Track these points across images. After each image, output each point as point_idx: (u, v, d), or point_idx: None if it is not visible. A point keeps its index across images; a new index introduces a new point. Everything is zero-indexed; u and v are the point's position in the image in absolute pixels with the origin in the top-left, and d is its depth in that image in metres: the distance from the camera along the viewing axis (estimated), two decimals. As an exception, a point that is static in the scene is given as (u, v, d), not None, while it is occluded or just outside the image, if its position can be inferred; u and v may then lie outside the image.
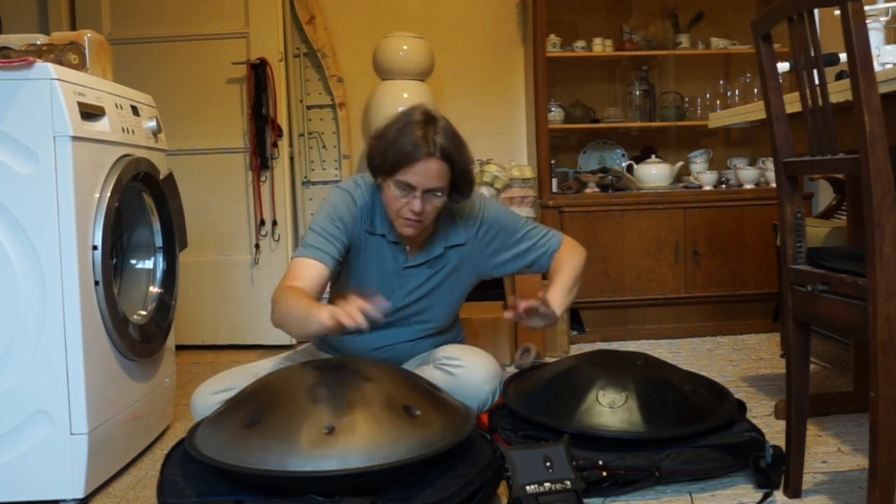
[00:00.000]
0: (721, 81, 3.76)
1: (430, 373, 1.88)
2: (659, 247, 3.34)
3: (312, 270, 1.81)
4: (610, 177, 3.48)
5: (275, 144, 3.40)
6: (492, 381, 1.90)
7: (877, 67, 1.46)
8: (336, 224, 1.87)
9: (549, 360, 2.01)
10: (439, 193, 1.81)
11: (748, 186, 3.45)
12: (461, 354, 1.91)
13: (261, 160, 3.39)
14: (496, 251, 2.03)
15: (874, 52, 1.51)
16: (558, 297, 1.92)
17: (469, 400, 1.84)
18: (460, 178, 1.84)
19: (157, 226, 2.21)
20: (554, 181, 3.45)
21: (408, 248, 1.96)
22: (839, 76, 1.90)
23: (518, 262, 2.05)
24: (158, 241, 2.22)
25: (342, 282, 2.00)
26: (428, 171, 1.77)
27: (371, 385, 1.60)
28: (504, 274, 2.09)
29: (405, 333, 2.00)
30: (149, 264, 2.22)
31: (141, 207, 2.18)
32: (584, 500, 1.56)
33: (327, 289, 1.96)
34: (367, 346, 1.98)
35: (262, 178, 3.42)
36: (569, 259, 2.02)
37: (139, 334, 2.01)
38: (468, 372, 1.87)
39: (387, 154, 1.79)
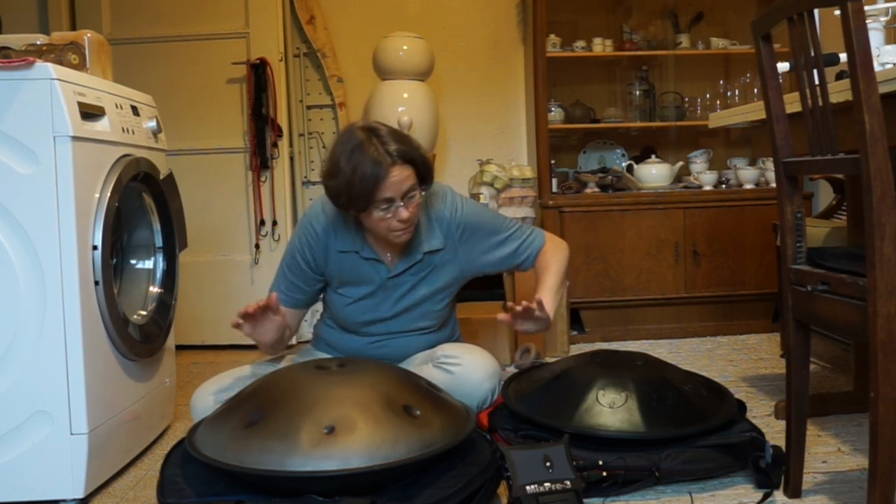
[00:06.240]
0: (721, 81, 3.76)
1: (429, 371, 1.89)
2: (659, 247, 3.34)
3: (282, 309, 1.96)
4: (610, 177, 3.48)
5: (275, 144, 3.40)
6: (491, 379, 1.90)
7: (877, 67, 1.46)
8: (294, 272, 1.99)
9: (549, 360, 2.01)
10: (415, 192, 1.82)
11: (748, 186, 3.45)
12: (460, 352, 1.92)
13: (261, 160, 3.39)
14: (479, 252, 2.02)
15: (874, 52, 1.51)
16: (548, 298, 1.93)
17: (468, 398, 1.84)
18: (422, 170, 1.84)
19: (157, 226, 2.21)
20: (554, 181, 3.45)
21: (388, 257, 1.96)
22: (839, 76, 1.90)
23: (503, 264, 2.06)
24: (158, 241, 2.22)
25: (330, 297, 2.04)
26: (399, 179, 1.76)
27: (371, 385, 1.60)
28: (490, 273, 2.10)
29: (400, 328, 2.02)
30: (149, 264, 2.22)
31: (141, 207, 2.18)
32: (584, 500, 1.56)
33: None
34: (364, 342, 2.01)
35: (262, 178, 3.42)
36: (553, 258, 2.03)
37: (139, 334, 2.01)
38: (467, 370, 1.88)
39: (352, 188, 1.75)
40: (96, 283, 1.80)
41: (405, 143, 1.81)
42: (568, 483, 1.53)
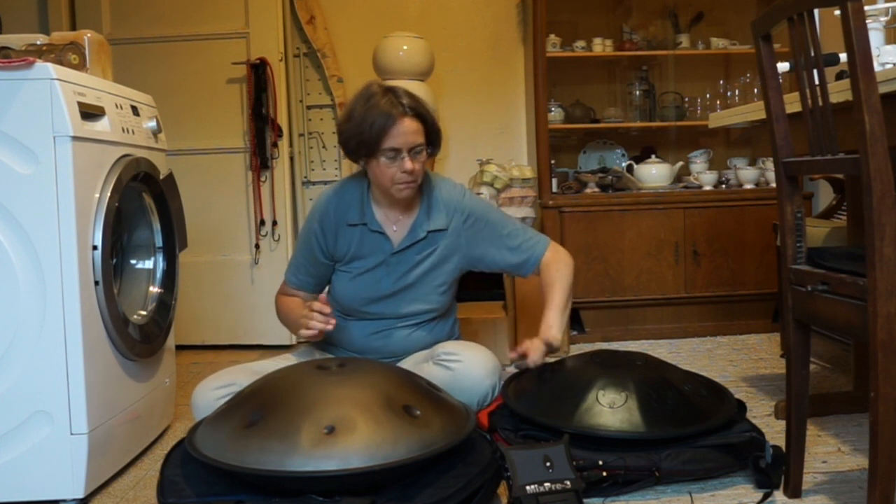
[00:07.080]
0: (721, 81, 3.76)
1: (429, 369, 1.89)
2: (659, 247, 3.34)
3: (298, 294, 2.12)
4: (610, 177, 3.48)
5: (275, 144, 3.40)
6: (491, 376, 1.91)
7: (877, 67, 1.46)
8: (306, 255, 2.08)
9: (549, 360, 2.01)
10: (421, 149, 1.91)
11: (748, 186, 3.45)
12: (460, 350, 1.92)
13: (261, 160, 3.39)
14: (482, 244, 2.06)
15: (874, 52, 1.51)
16: (556, 319, 2.00)
17: (468, 395, 1.85)
18: (432, 131, 1.95)
19: (157, 226, 2.21)
20: (554, 181, 3.45)
21: (394, 230, 2.01)
22: (839, 76, 1.90)
23: (504, 260, 2.08)
24: (158, 241, 2.22)
25: (335, 279, 2.08)
26: (407, 131, 1.87)
27: (371, 385, 1.60)
28: (490, 268, 2.12)
29: (400, 319, 2.04)
30: (149, 264, 2.22)
31: (141, 207, 2.18)
32: (584, 500, 1.56)
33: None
34: (365, 332, 2.04)
35: (262, 178, 3.42)
36: (559, 273, 2.06)
37: (139, 334, 2.01)
38: (467, 367, 1.88)
39: (362, 132, 1.87)
40: (96, 283, 1.80)
41: (419, 102, 1.93)
42: (568, 483, 1.53)
